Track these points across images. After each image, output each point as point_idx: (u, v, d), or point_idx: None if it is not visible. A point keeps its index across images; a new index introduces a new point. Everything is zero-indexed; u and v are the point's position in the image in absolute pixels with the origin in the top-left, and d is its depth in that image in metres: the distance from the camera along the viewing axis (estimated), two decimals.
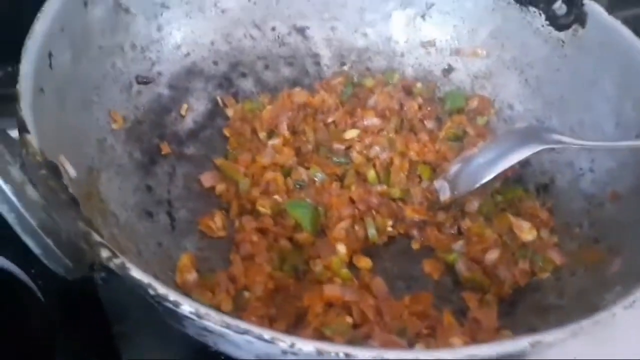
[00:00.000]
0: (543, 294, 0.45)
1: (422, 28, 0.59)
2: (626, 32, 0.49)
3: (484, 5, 0.57)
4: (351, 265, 0.47)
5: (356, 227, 0.49)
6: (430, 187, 0.51)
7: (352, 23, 0.59)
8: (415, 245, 0.50)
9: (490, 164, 0.47)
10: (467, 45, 0.58)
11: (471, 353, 0.30)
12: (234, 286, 0.43)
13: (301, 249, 0.47)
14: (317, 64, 0.59)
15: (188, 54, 0.54)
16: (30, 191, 0.28)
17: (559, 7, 0.52)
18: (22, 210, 0.28)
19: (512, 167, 0.51)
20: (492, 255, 0.46)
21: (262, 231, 0.47)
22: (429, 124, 0.56)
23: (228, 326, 0.30)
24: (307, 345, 0.29)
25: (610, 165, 0.48)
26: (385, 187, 0.51)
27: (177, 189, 0.49)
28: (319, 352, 0.29)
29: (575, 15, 0.51)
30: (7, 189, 0.28)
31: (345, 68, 0.59)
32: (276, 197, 0.48)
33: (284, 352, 0.30)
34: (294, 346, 0.29)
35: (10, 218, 0.28)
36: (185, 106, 0.53)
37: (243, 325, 0.30)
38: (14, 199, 0.28)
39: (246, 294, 0.43)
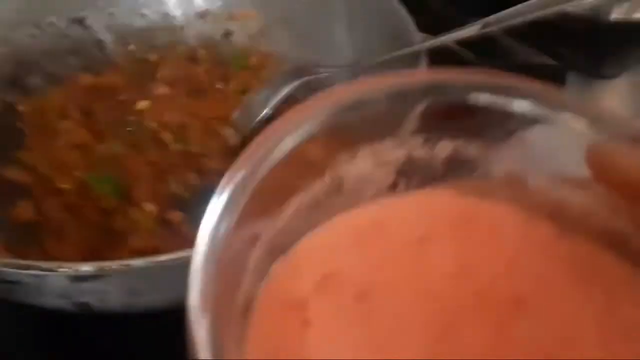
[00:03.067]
0: None
1: (194, 0, 0.64)
2: None
3: None
4: (166, 222, 0.51)
5: (160, 186, 0.52)
6: (225, 137, 0.56)
7: (129, 6, 0.63)
8: None
9: (265, 101, 0.53)
10: (238, 9, 0.64)
11: None
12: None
13: (110, 215, 0.50)
14: (102, 49, 0.62)
15: None
16: None
17: None
18: None
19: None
20: None
21: (67, 207, 0.50)
22: (218, 85, 0.61)
23: (12, 265, 0.33)
24: (86, 267, 0.33)
25: None
26: (183, 146, 0.55)
27: None
28: (99, 270, 0.33)
29: None
30: None
31: (131, 48, 0.62)
32: (77, 173, 0.51)
33: (74, 279, 0.34)
34: (77, 270, 0.33)
35: None
36: None
37: (25, 262, 0.33)
38: None
39: None
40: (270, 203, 0.23)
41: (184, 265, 0.35)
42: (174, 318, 0.20)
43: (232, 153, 0.55)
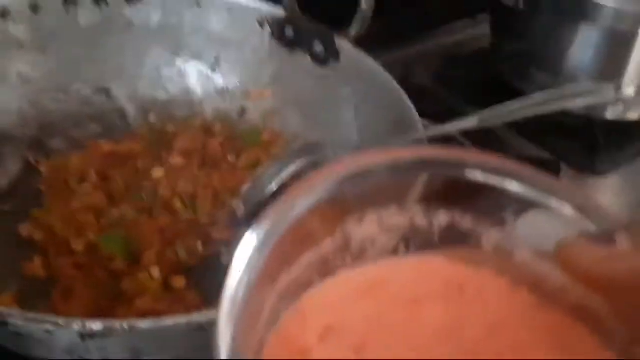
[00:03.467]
0: None
1: (214, 78, 0.68)
2: (370, 61, 0.61)
3: (261, 54, 0.66)
4: (169, 287, 0.53)
5: (168, 252, 0.55)
6: (232, 209, 0.59)
7: (152, 80, 0.67)
8: (224, 260, 0.56)
9: (273, 177, 0.56)
10: (254, 88, 0.68)
11: None
12: None
13: (118, 277, 0.52)
14: (124, 117, 0.65)
15: None
16: None
17: (317, 45, 0.63)
18: None
19: None
20: None
21: (78, 266, 0.52)
22: (230, 158, 0.64)
23: (28, 319, 0.35)
24: (96, 324, 0.35)
25: None
26: (192, 214, 0.58)
27: None
28: (107, 329, 0.35)
29: (331, 51, 0.62)
30: None
31: (151, 119, 0.66)
32: (90, 235, 0.54)
33: (82, 336, 0.36)
34: (85, 327, 0.35)
35: None
36: None
37: (41, 316, 0.35)
38: None
39: None
40: (286, 257, 0.26)
41: (186, 330, 0.37)
42: None
43: (238, 225, 0.57)
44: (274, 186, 0.56)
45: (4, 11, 0.59)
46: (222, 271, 0.49)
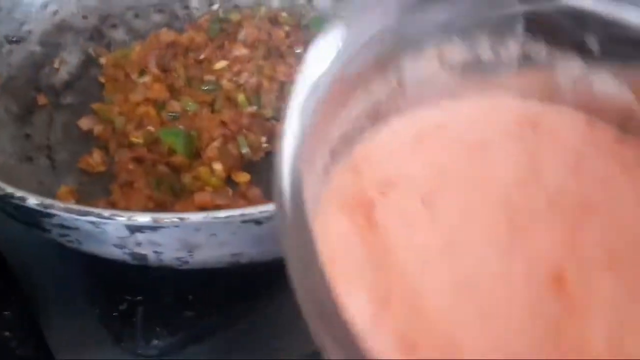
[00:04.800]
0: None
1: None
2: None
3: None
4: (232, 183, 0.51)
5: (230, 147, 0.52)
6: None
7: None
8: None
9: None
10: None
11: None
12: None
13: (178, 172, 0.50)
14: (186, 7, 0.62)
15: (56, 12, 0.57)
16: None
17: None
18: None
19: None
20: None
21: (138, 160, 0.50)
22: (298, 50, 0.60)
23: (70, 210, 0.33)
24: (144, 217, 0.33)
25: None
26: (256, 108, 0.55)
27: (56, 135, 0.52)
28: (155, 220, 0.33)
29: None
30: None
31: (215, 7, 0.62)
32: (150, 128, 0.52)
33: (130, 229, 0.34)
34: (131, 218, 0.33)
35: None
36: (58, 60, 0.56)
37: (83, 208, 0.33)
38: None
39: None
40: (337, 104, 0.23)
41: (240, 223, 0.34)
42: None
43: None
44: None
45: None
46: None
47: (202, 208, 0.46)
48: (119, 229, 0.34)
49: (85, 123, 0.53)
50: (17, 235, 0.44)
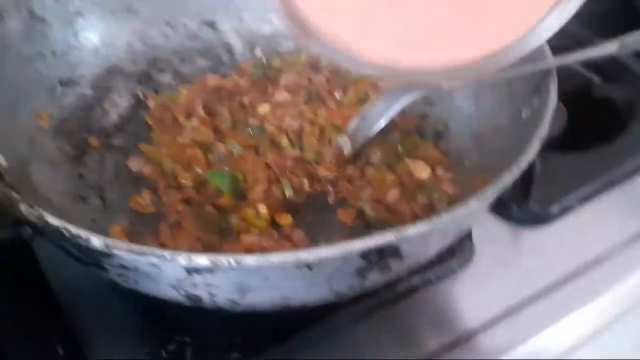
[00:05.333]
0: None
1: None
2: None
3: None
4: (275, 224, 0.52)
5: (274, 189, 0.53)
6: (338, 146, 0.56)
7: (258, 12, 0.64)
8: (330, 199, 0.54)
9: (381, 113, 0.53)
10: None
11: (341, 250, 0.35)
12: None
13: (225, 213, 0.52)
14: (230, 52, 0.64)
15: (107, 56, 0.59)
16: None
17: None
18: None
19: (410, 120, 0.57)
20: (393, 195, 0.51)
21: (186, 201, 0.51)
22: (337, 94, 0.61)
23: (132, 250, 0.34)
24: (201, 259, 0.34)
25: (492, 103, 0.54)
26: (298, 151, 0.56)
27: (107, 175, 0.54)
28: (213, 263, 0.34)
29: None
30: None
31: (257, 53, 0.64)
32: (197, 170, 0.53)
33: (188, 270, 0.35)
34: (191, 261, 0.34)
35: None
36: (108, 103, 0.58)
37: (145, 248, 0.34)
38: None
39: None
40: None
41: (293, 268, 0.35)
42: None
43: (346, 163, 0.55)
44: (382, 123, 0.53)
45: None
46: (324, 211, 0.48)
47: (249, 250, 0.47)
48: (177, 271, 0.36)
49: (134, 164, 0.55)
50: (68, 271, 0.46)
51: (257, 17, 0.65)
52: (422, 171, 0.52)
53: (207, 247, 0.48)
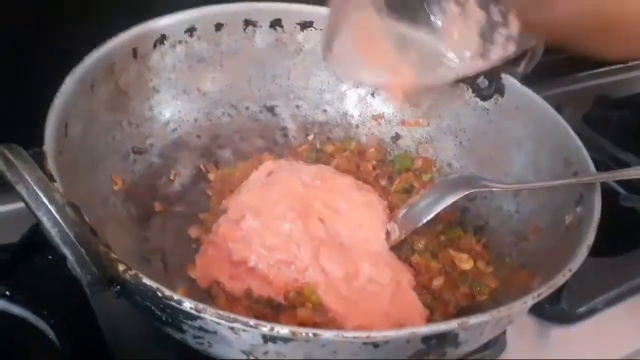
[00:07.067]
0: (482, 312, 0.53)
1: (372, 104, 0.70)
2: (536, 97, 0.61)
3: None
4: None
5: None
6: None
7: (314, 102, 0.70)
8: None
9: (429, 206, 0.57)
10: (410, 116, 0.69)
11: (409, 331, 0.38)
12: None
13: None
14: (285, 135, 0.69)
15: (175, 129, 0.64)
16: (69, 211, 0.37)
17: (482, 82, 0.64)
18: (63, 225, 0.37)
19: (452, 213, 0.61)
20: (437, 282, 0.55)
21: None
22: (382, 182, 0.66)
23: (220, 316, 0.38)
24: (283, 329, 0.37)
25: (532, 206, 0.58)
26: None
27: (169, 240, 0.58)
28: (293, 334, 0.37)
29: (495, 87, 0.63)
30: (52, 208, 0.37)
31: (309, 138, 0.69)
32: None
33: (265, 338, 0.38)
34: (273, 329, 0.37)
35: (54, 232, 0.37)
36: (173, 172, 0.62)
37: (233, 315, 0.38)
38: (57, 216, 0.36)
39: None
40: None
41: (362, 345, 0.39)
42: None
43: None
44: (430, 215, 0.57)
45: (191, 28, 0.63)
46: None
47: (303, 323, 0.50)
48: (255, 337, 0.39)
49: (194, 231, 0.58)
50: (119, 319, 0.49)
51: (313, 106, 0.70)
52: (465, 262, 0.56)
53: (258, 318, 0.51)
